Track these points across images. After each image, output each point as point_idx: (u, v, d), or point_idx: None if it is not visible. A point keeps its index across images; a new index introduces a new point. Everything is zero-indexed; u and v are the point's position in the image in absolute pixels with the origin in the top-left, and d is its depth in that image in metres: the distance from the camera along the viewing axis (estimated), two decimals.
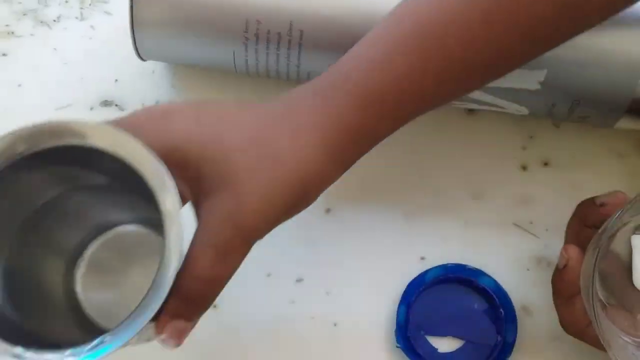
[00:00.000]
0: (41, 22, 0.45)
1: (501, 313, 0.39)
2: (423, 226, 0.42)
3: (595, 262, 0.32)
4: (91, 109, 0.43)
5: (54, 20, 0.45)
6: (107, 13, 0.45)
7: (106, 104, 0.44)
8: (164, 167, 0.28)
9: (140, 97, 0.44)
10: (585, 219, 0.37)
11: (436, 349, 0.40)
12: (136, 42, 0.39)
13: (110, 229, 0.38)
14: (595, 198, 0.36)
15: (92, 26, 0.45)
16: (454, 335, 0.40)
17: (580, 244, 0.36)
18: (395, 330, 0.39)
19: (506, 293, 0.40)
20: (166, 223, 0.27)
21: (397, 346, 0.39)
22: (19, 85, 0.44)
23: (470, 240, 0.42)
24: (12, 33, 0.45)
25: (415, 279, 0.40)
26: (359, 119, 0.31)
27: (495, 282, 0.40)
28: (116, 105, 0.43)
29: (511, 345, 0.39)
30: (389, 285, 0.40)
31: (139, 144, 0.28)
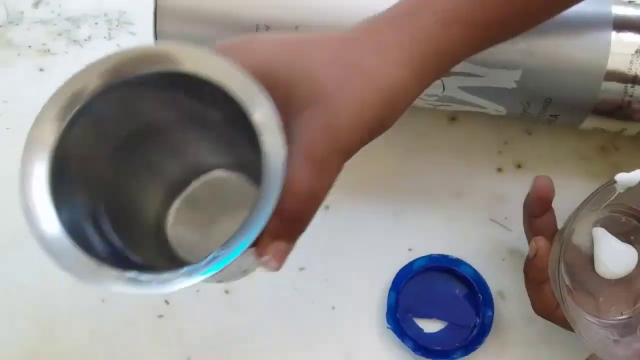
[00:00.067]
0: (74, 41, 0.47)
1: (479, 298, 0.40)
2: (410, 221, 0.42)
3: (561, 253, 0.34)
4: None
5: (85, 40, 0.47)
6: (132, 33, 0.47)
7: None
8: (256, 83, 0.26)
9: None
10: (531, 212, 0.37)
11: (422, 330, 0.41)
12: None
13: (210, 171, 0.36)
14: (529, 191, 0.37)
15: (119, 45, 0.46)
16: (438, 318, 0.41)
17: (537, 235, 0.36)
18: (386, 313, 0.40)
19: (484, 280, 0.41)
20: (264, 134, 0.25)
21: (388, 327, 0.40)
22: None
23: (452, 233, 0.43)
24: (48, 51, 0.46)
25: (403, 267, 0.41)
26: (443, 38, 0.30)
27: (474, 271, 0.41)
28: None
29: (489, 326, 0.40)
30: (381, 273, 0.42)
31: (230, 63, 0.26)
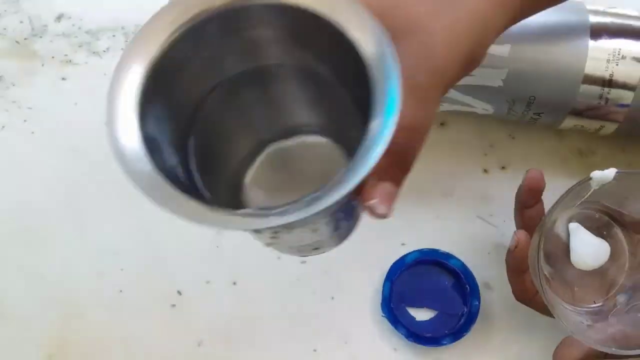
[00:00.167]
0: (94, 53, 0.48)
1: (467, 288, 0.42)
2: (404, 218, 0.43)
3: (539, 244, 0.35)
4: None
5: (104, 51, 0.48)
6: None
7: None
8: (368, 12, 0.24)
9: None
10: (522, 203, 0.38)
11: (414, 318, 0.42)
12: None
13: (302, 134, 0.33)
14: (521, 184, 0.38)
15: None
16: (429, 307, 0.42)
17: (526, 225, 0.38)
18: (381, 303, 0.42)
19: (471, 272, 0.42)
20: (376, 62, 0.23)
21: (383, 315, 0.41)
22: (75, 104, 0.47)
23: (442, 229, 0.44)
24: (70, 61, 0.48)
25: (397, 260, 0.42)
26: None
27: (462, 263, 0.42)
28: None
29: (475, 314, 0.41)
30: (376, 266, 0.43)
31: None
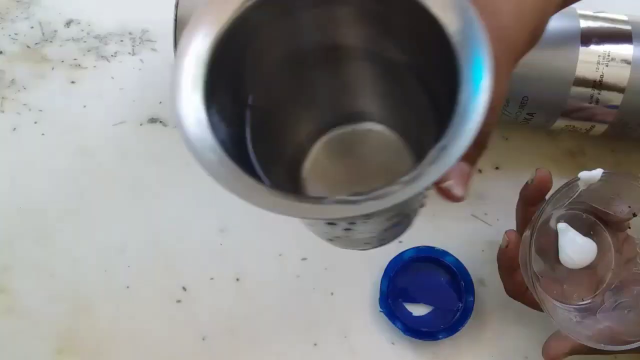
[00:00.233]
0: (102, 57, 0.49)
1: (462, 285, 0.42)
2: None
3: (530, 243, 0.36)
4: (140, 124, 0.47)
5: (112, 55, 0.49)
6: (154, 50, 0.49)
7: (152, 121, 0.47)
8: None
9: None
10: (526, 199, 0.39)
11: (411, 313, 0.43)
12: None
13: (366, 122, 0.31)
14: (528, 180, 0.39)
15: (142, 60, 0.48)
16: (425, 303, 0.43)
17: (527, 221, 0.38)
18: (379, 298, 0.42)
19: (466, 269, 0.43)
20: (465, 40, 0.22)
21: (381, 311, 0.42)
22: (84, 106, 0.47)
23: (438, 227, 0.44)
24: (79, 65, 0.48)
25: (394, 257, 0.43)
26: None
27: (457, 260, 0.43)
28: (160, 122, 0.47)
29: (470, 310, 0.42)
30: (374, 262, 0.43)
31: None
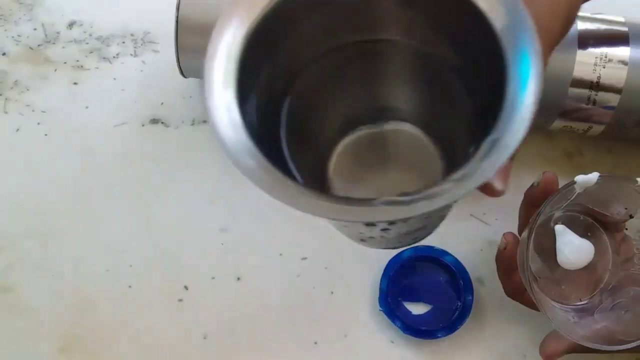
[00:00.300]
0: (104, 58, 0.49)
1: (461, 283, 0.43)
2: None
3: (528, 245, 0.36)
4: (142, 125, 0.47)
5: (114, 57, 0.49)
6: (155, 51, 0.49)
7: (154, 121, 0.47)
8: None
9: (180, 116, 0.47)
10: (531, 201, 0.39)
11: (410, 312, 0.43)
12: (180, 63, 0.42)
13: (394, 121, 0.30)
14: (534, 182, 0.39)
15: (144, 61, 0.49)
16: (424, 301, 0.43)
17: (529, 221, 0.38)
18: (379, 297, 0.42)
19: (464, 268, 0.43)
20: (511, 32, 0.21)
21: (380, 310, 0.42)
22: (87, 107, 0.48)
23: None
24: (82, 67, 0.49)
25: (394, 257, 0.43)
26: None
27: (456, 260, 0.43)
28: (162, 122, 0.47)
29: (469, 308, 0.42)
30: (374, 262, 0.44)
31: None
